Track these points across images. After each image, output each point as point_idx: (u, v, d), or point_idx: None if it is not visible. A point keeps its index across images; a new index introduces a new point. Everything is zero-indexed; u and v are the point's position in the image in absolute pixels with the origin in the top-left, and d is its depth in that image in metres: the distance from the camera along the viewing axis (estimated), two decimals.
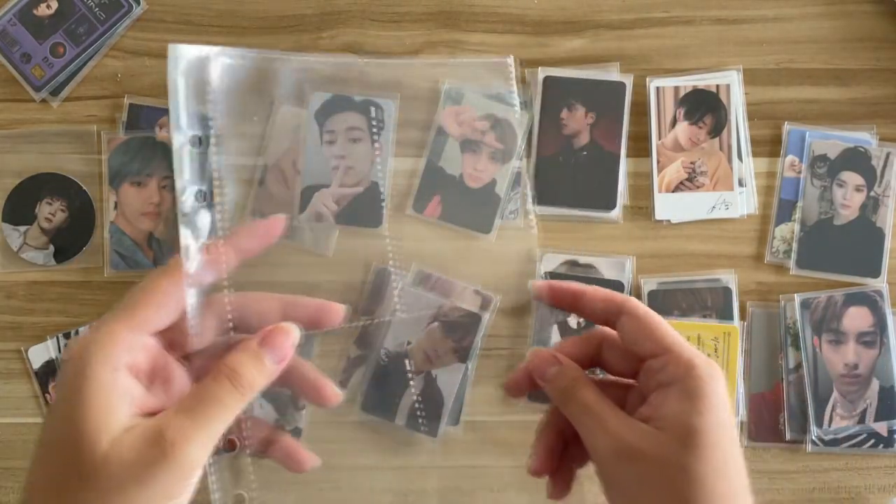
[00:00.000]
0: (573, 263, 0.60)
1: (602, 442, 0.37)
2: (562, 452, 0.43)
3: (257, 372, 0.36)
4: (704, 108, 0.60)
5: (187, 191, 0.41)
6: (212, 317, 0.39)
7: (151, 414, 0.34)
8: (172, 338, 0.37)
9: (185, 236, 0.38)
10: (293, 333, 0.38)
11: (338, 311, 0.42)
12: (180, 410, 0.34)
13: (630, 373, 0.42)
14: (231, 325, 0.40)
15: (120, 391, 0.33)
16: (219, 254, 0.39)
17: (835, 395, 0.59)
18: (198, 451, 0.33)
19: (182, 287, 0.37)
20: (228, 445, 0.42)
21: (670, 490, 0.35)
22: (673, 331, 0.39)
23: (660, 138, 0.61)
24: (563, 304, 0.44)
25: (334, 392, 0.42)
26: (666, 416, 0.36)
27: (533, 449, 0.43)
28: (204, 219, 0.41)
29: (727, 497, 0.35)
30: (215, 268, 0.39)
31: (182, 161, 0.40)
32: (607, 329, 0.42)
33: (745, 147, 0.61)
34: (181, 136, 0.40)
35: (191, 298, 0.37)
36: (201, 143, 0.42)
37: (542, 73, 0.60)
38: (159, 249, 0.59)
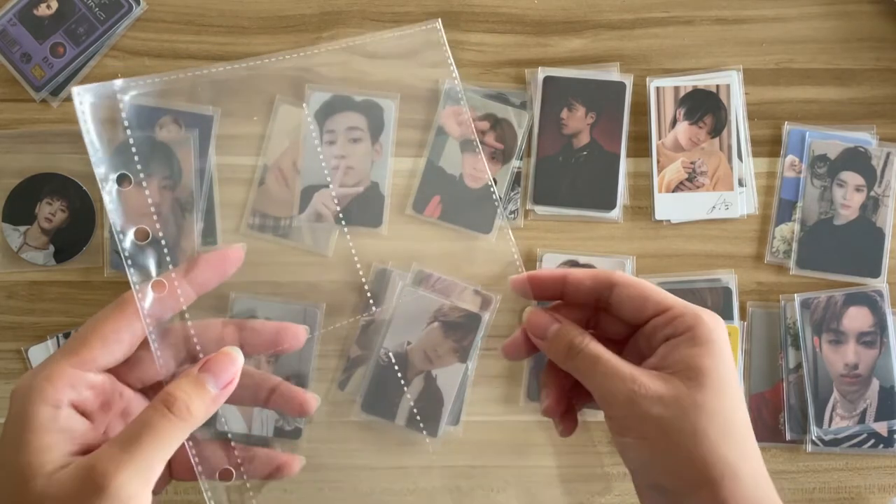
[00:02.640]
0: (573, 263, 0.60)
1: (618, 388, 0.38)
2: (567, 394, 0.44)
3: (197, 397, 0.35)
4: (704, 108, 0.61)
5: (127, 232, 0.39)
6: (177, 347, 0.39)
7: None
8: (131, 371, 0.38)
9: (134, 277, 0.38)
10: (237, 358, 0.37)
11: (298, 334, 0.42)
12: (114, 443, 0.33)
13: (621, 339, 0.44)
14: (199, 350, 0.40)
15: (59, 429, 0.34)
16: (174, 289, 0.38)
17: (835, 395, 0.59)
18: (132, 482, 0.32)
19: (133, 323, 0.37)
20: (224, 476, 0.42)
21: (689, 427, 0.36)
22: (667, 292, 0.41)
23: (660, 138, 0.61)
24: (548, 294, 0.44)
25: (311, 397, 0.44)
26: (678, 361, 0.38)
27: (543, 393, 0.45)
28: (150, 257, 0.40)
29: (741, 430, 0.38)
30: (172, 303, 0.38)
31: (113, 204, 0.39)
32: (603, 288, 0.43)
33: (745, 147, 0.61)
34: (107, 180, 0.39)
35: (151, 333, 0.37)
36: (130, 181, 0.41)
37: (542, 73, 0.60)
38: (159, 249, 0.59)
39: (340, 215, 0.59)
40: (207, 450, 0.41)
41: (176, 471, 0.41)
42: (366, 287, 0.59)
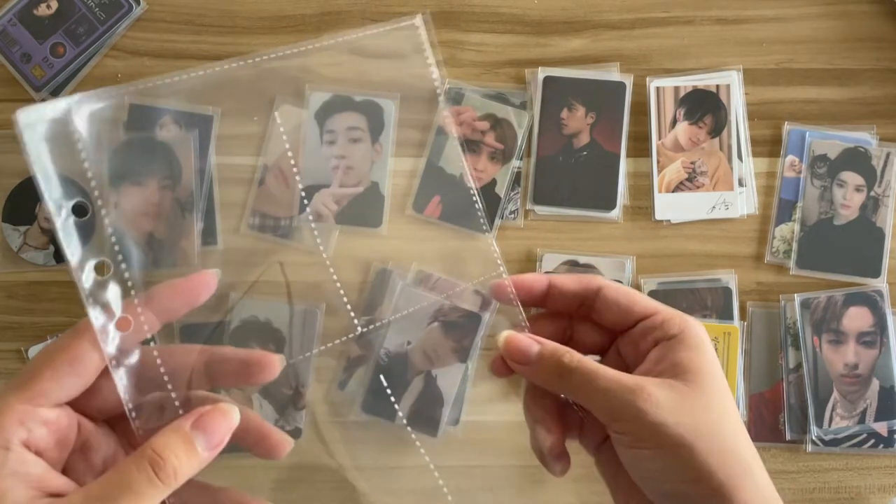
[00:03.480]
0: (573, 263, 0.60)
1: (624, 401, 0.36)
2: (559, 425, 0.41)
3: (186, 459, 0.32)
4: (704, 108, 0.60)
5: (86, 267, 0.35)
6: (141, 375, 0.35)
7: (59, 494, 0.31)
8: (90, 402, 0.35)
9: (96, 316, 0.34)
10: (233, 416, 0.34)
11: (271, 365, 0.37)
12: (87, 499, 0.30)
13: (600, 348, 0.43)
14: (166, 379, 0.36)
15: (10, 473, 0.30)
16: (139, 323, 0.35)
17: (835, 395, 0.59)
18: None
19: (90, 352, 0.33)
20: None
21: (704, 429, 0.36)
22: (650, 297, 0.41)
23: (660, 138, 0.61)
24: (532, 299, 0.42)
25: (284, 439, 0.38)
26: (676, 364, 0.38)
27: (539, 432, 0.41)
28: (112, 291, 0.36)
29: (740, 428, 0.37)
30: (137, 335, 0.35)
31: (69, 236, 0.35)
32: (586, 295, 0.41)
33: (745, 147, 0.61)
34: (61, 209, 0.35)
35: (117, 373, 0.34)
36: (87, 210, 0.37)
37: (542, 73, 0.60)
38: (159, 249, 0.59)
39: (340, 215, 0.59)
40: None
41: None
42: (366, 287, 0.59)
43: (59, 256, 0.59)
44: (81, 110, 0.37)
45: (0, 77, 0.60)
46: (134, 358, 0.35)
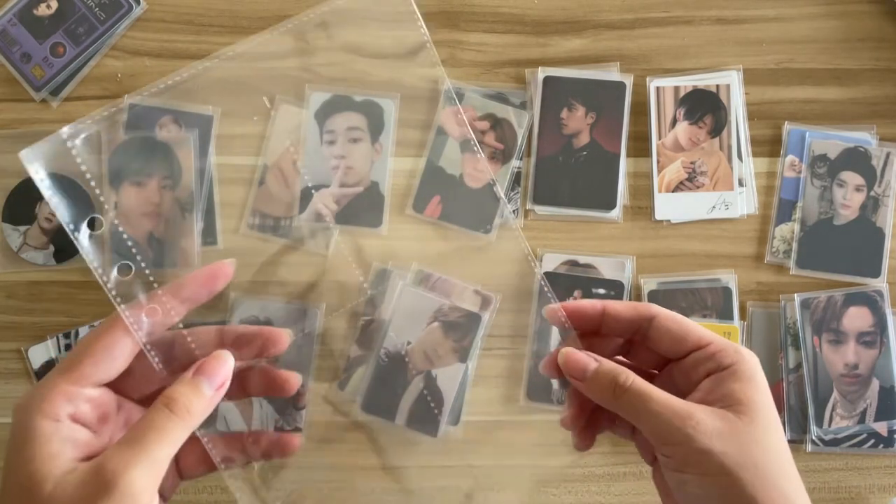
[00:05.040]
0: (573, 263, 0.60)
1: (674, 425, 0.38)
2: (591, 414, 0.44)
3: (195, 398, 0.37)
4: (704, 108, 0.60)
5: (113, 273, 0.40)
6: (174, 352, 0.41)
7: None
8: (128, 383, 0.40)
9: (126, 310, 0.39)
10: (228, 360, 0.40)
11: (280, 338, 0.43)
12: (121, 443, 0.35)
13: (653, 369, 0.44)
14: (198, 354, 0.41)
15: (62, 439, 0.35)
16: (167, 310, 0.40)
17: (835, 395, 0.59)
18: (141, 477, 0.34)
19: (123, 339, 0.38)
20: (227, 462, 0.43)
21: (750, 461, 0.37)
22: (704, 328, 0.41)
23: (660, 138, 0.61)
24: (585, 326, 0.44)
25: (293, 377, 0.44)
26: (727, 395, 0.38)
27: (567, 403, 0.44)
28: (138, 287, 0.40)
29: (792, 464, 0.38)
30: (165, 321, 0.40)
31: (90, 251, 0.40)
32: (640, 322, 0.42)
33: (745, 147, 0.61)
34: (78, 229, 0.40)
35: (151, 352, 0.39)
36: (97, 224, 0.42)
37: (542, 73, 0.60)
38: (159, 249, 0.59)
39: (340, 215, 0.59)
40: (220, 443, 0.43)
41: (185, 468, 0.43)
42: (366, 287, 0.59)
43: (59, 256, 0.59)
44: (77, 138, 0.41)
45: (0, 77, 0.60)
46: (166, 339, 0.40)
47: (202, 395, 0.38)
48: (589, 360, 0.42)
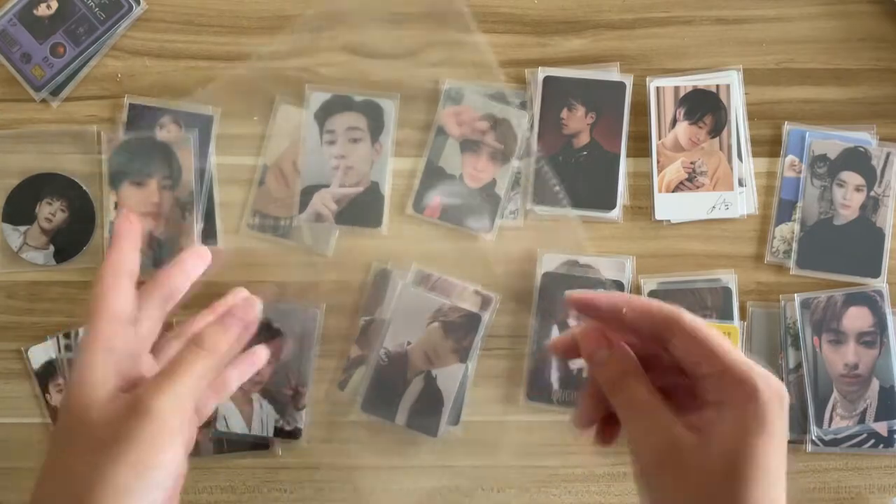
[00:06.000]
0: (573, 263, 0.60)
1: (646, 442, 0.37)
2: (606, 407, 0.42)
3: (221, 335, 0.42)
4: (704, 108, 0.60)
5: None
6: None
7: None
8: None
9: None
10: (255, 303, 0.45)
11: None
12: (155, 376, 0.40)
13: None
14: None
15: (109, 371, 0.40)
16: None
17: (835, 395, 0.59)
18: (171, 404, 0.38)
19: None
20: None
21: None
22: (729, 345, 0.38)
23: (660, 138, 0.61)
24: (603, 321, 0.42)
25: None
26: (719, 434, 0.36)
27: (580, 402, 0.44)
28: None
29: None
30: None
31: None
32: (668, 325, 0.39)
33: (745, 147, 0.61)
34: None
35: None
36: None
37: (542, 73, 0.60)
38: (159, 249, 0.59)
39: (340, 215, 0.59)
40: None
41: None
42: (366, 287, 0.59)
43: (59, 256, 0.59)
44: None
45: (0, 77, 0.60)
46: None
47: (227, 332, 0.42)
48: (603, 343, 0.41)
